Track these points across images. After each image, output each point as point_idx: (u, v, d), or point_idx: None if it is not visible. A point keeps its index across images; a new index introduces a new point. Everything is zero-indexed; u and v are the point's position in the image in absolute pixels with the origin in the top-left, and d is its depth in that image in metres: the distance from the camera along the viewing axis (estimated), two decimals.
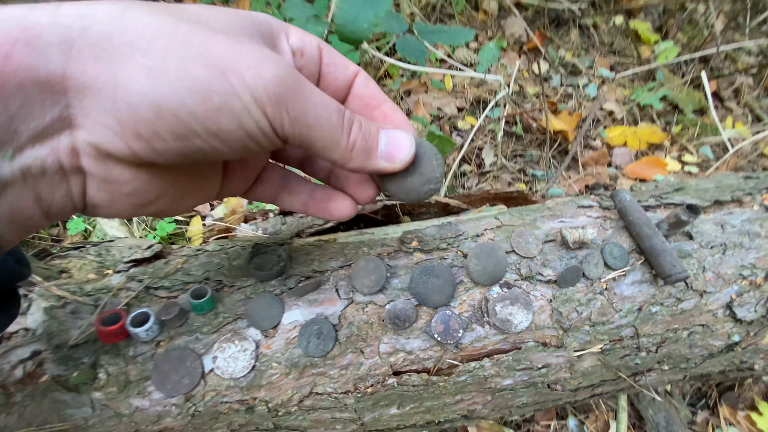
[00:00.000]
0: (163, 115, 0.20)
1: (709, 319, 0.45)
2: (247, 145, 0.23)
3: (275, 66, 0.22)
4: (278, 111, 0.22)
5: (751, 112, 1.46)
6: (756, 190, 0.51)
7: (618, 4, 1.44)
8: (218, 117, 0.21)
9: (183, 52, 0.20)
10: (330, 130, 0.25)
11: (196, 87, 0.20)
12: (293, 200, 0.35)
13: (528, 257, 0.43)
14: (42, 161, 0.21)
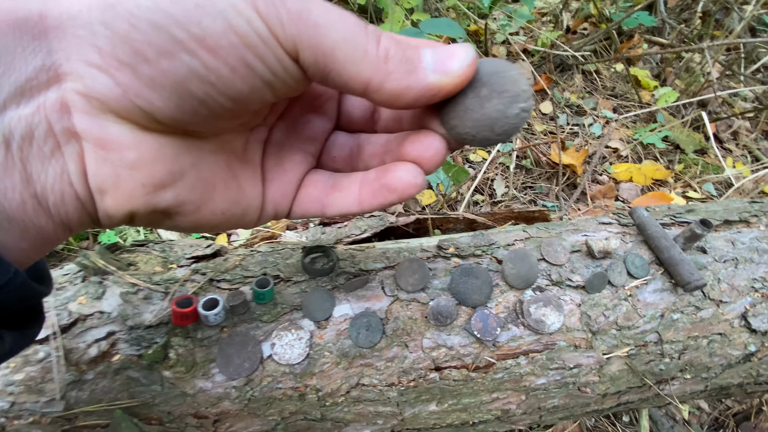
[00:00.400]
0: (138, 24, 0.17)
1: (726, 328, 0.48)
2: (249, 62, 0.19)
3: None
4: (272, 4, 0.18)
5: (750, 153, 1.54)
6: (761, 212, 0.55)
7: (618, 52, 1.56)
8: (200, 15, 0.17)
9: None
10: (349, 31, 0.19)
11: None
12: (345, 197, 0.28)
13: (557, 264, 0.47)
14: (28, 121, 0.18)
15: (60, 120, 0.19)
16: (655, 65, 1.70)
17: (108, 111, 0.19)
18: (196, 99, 0.19)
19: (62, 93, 0.18)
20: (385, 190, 0.26)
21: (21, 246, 0.19)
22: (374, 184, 0.27)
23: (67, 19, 0.17)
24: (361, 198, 0.28)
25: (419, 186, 0.26)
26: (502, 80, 0.22)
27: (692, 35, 1.65)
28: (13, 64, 0.17)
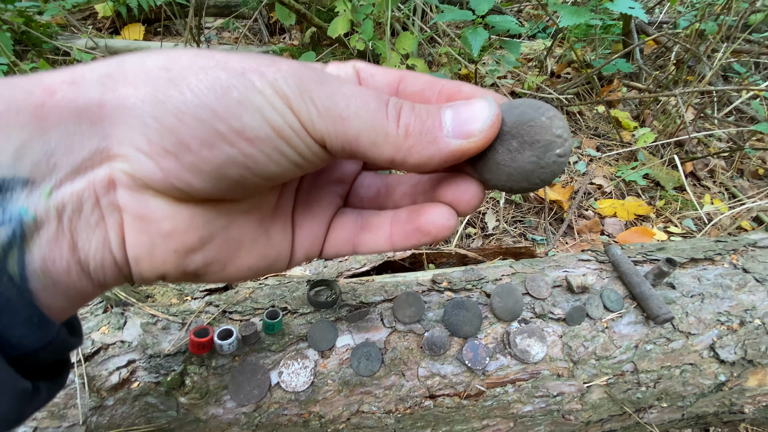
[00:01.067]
0: (185, 119, 0.19)
1: (696, 359, 0.52)
2: (282, 150, 0.21)
3: (294, 62, 0.21)
4: (303, 102, 0.20)
5: (727, 190, 1.63)
6: (725, 251, 0.61)
7: (599, 96, 1.68)
8: (240, 111, 0.20)
9: (203, 63, 0.20)
10: (371, 118, 0.21)
11: (215, 85, 0.20)
12: (377, 237, 0.28)
13: (540, 298, 0.52)
14: (79, 195, 0.20)
15: (106, 194, 0.21)
16: (634, 107, 1.82)
17: (149, 189, 0.21)
18: (232, 180, 0.21)
19: (111, 171, 0.20)
20: (418, 232, 0.26)
21: (62, 305, 0.21)
22: (407, 226, 0.27)
23: (123, 110, 0.20)
24: (392, 238, 0.28)
25: (452, 228, 0.26)
26: (531, 130, 0.21)
27: (667, 80, 1.78)
28: (72, 147, 0.19)
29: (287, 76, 0.20)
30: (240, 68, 0.20)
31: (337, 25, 1.54)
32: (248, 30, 2.19)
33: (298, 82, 0.20)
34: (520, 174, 0.22)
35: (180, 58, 0.21)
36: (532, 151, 0.21)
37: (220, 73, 0.20)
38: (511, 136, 0.21)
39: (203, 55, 0.21)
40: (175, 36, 2.20)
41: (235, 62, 0.20)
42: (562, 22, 1.12)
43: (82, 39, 1.96)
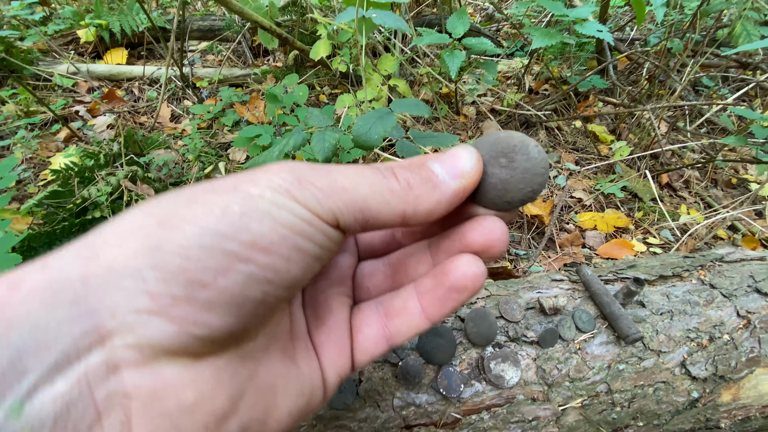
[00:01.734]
0: (190, 253, 0.17)
1: (668, 377, 0.53)
2: (300, 246, 0.20)
3: (284, 163, 0.21)
4: (305, 189, 0.20)
5: (702, 200, 1.67)
6: (693, 267, 0.63)
7: (576, 111, 1.73)
8: (246, 223, 0.18)
9: (188, 195, 0.19)
10: (371, 182, 0.21)
11: (211, 208, 0.18)
12: (408, 319, 0.26)
13: (514, 321, 0.52)
14: (63, 400, 0.15)
15: (105, 384, 0.16)
16: (610, 121, 1.87)
17: (162, 354, 0.17)
18: (254, 301, 0.19)
19: (108, 353, 0.17)
20: (454, 292, 0.24)
21: None
22: (437, 291, 0.25)
23: (112, 275, 0.17)
24: (427, 311, 0.26)
25: (485, 275, 0.24)
26: (515, 147, 0.24)
27: (640, 95, 1.85)
28: (47, 341, 0.15)
29: (280, 173, 0.20)
30: (230, 185, 0.20)
31: (319, 48, 1.57)
32: (232, 53, 2.21)
33: (293, 174, 0.20)
34: (517, 185, 0.24)
35: (160, 202, 0.19)
36: (521, 161, 0.24)
37: (211, 197, 0.19)
38: (499, 156, 0.24)
39: (186, 191, 0.20)
40: (158, 59, 2.21)
41: (222, 183, 0.20)
42: (534, 44, 1.16)
43: (64, 64, 1.96)
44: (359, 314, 0.28)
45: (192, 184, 0.21)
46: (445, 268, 0.25)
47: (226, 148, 1.57)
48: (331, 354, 0.26)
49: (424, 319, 0.26)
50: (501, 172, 0.24)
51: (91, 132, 1.66)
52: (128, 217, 0.19)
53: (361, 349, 0.27)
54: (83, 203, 1.16)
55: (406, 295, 0.27)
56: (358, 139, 0.72)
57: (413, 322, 0.26)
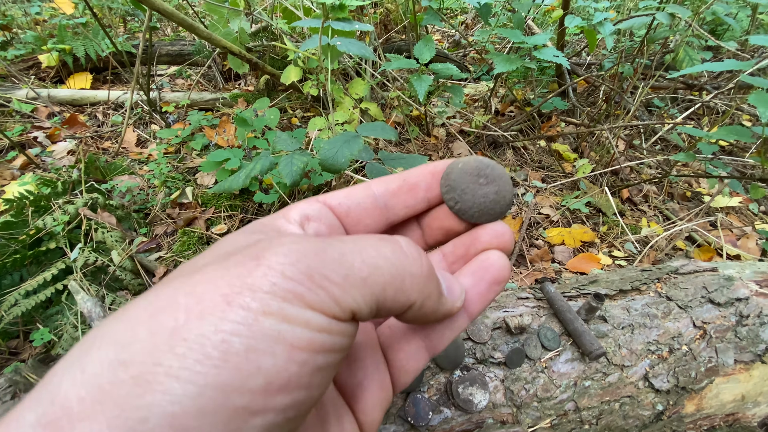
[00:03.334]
0: (186, 421, 0.13)
1: (633, 391, 0.54)
2: (321, 364, 0.16)
3: (283, 246, 0.17)
4: (320, 287, 0.16)
5: (661, 213, 1.76)
6: (650, 280, 0.65)
7: (540, 131, 1.81)
8: (255, 360, 0.14)
9: (167, 323, 0.15)
10: (397, 263, 0.19)
11: (205, 352, 0.14)
12: (447, 320, 0.25)
13: (481, 342, 0.52)
14: None
15: None
16: (572, 140, 1.96)
17: None
18: None
19: None
20: (495, 285, 0.25)
21: None
22: (478, 287, 0.25)
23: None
24: (468, 309, 0.25)
25: (510, 269, 0.26)
26: (491, 170, 0.27)
27: (599, 115, 1.95)
28: None
29: (282, 267, 0.16)
30: (220, 299, 0.15)
31: (290, 73, 1.58)
32: (202, 77, 2.20)
33: (300, 266, 0.16)
34: (489, 202, 0.27)
35: (133, 332, 0.14)
36: (495, 185, 0.27)
37: (199, 327, 0.14)
38: (479, 177, 0.27)
39: (161, 308, 0.15)
40: (125, 84, 2.17)
41: (210, 295, 0.15)
42: (497, 69, 1.21)
43: (23, 89, 1.89)
44: (392, 334, 0.26)
45: (163, 284, 0.16)
46: (482, 264, 0.25)
47: (194, 173, 1.53)
48: (372, 391, 0.23)
49: (466, 318, 0.25)
50: (487, 188, 0.26)
51: (49, 158, 1.59)
52: (93, 359, 0.14)
53: (405, 369, 0.25)
54: (37, 234, 1.10)
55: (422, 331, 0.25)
56: (324, 162, 0.72)
57: (457, 324, 0.25)
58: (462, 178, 0.27)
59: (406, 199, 0.26)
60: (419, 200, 0.27)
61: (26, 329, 1.03)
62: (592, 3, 1.56)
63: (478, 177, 0.27)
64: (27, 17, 2.38)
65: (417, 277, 0.19)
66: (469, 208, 0.27)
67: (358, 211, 0.25)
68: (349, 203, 0.25)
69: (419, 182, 0.27)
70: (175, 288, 0.16)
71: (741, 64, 0.87)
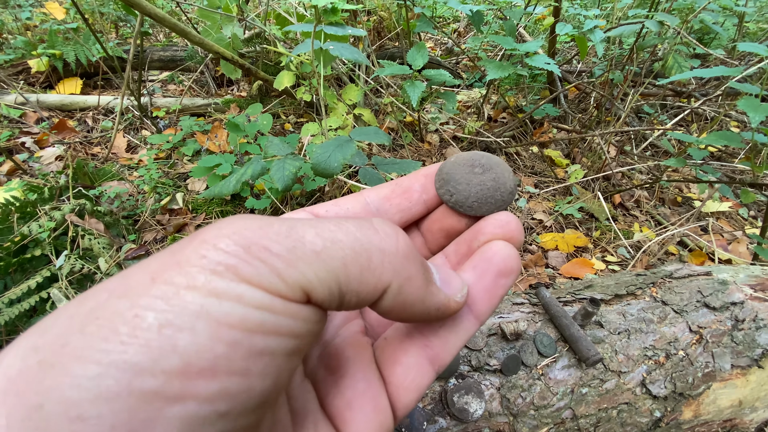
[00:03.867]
0: (83, 412, 0.11)
1: (630, 397, 0.53)
2: (261, 348, 0.14)
3: (226, 222, 0.15)
4: (257, 260, 0.14)
5: (652, 218, 1.77)
6: (645, 284, 0.65)
7: (532, 137, 1.82)
8: (170, 337, 0.13)
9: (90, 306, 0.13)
10: (355, 237, 0.16)
11: (114, 326, 0.13)
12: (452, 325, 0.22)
13: (476, 350, 0.51)
14: None
15: None
16: (564, 146, 1.97)
17: None
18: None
19: None
20: (501, 278, 0.21)
21: None
22: (483, 281, 0.21)
23: None
24: (475, 310, 0.21)
25: (519, 261, 0.22)
26: (487, 160, 0.26)
27: (590, 121, 1.97)
28: None
29: (218, 240, 0.14)
30: (146, 277, 0.13)
31: (283, 79, 1.58)
32: (195, 82, 2.19)
33: (238, 238, 0.14)
34: (487, 190, 0.25)
35: (55, 317, 0.13)
36: (491, 172, 0.25)
37: (116, 304, 0.13)
38: (474, 167, 0.25)
39: (90, 294, 0.14)
40: (116, 89, 2.15)
41: (137, 274, 0.14)
42: (489, 76, 1.22)
43: (12, 94, 1.86)
44: (388, 346, 0.22)
45: (105, 281, 0.14)
46: (485, 255, 0.22)
47: (185, 179, 1.51)
48: (365, 412, 0.20)
49: (473, 320, 0.21)
50: (483, 176, 0.25)
51: (37, 164, 1.56)
52: (11, 349, 0.13)
53: (404, 387, 0.21)
54: (22, 240, 1.07)
55: None
56: (317, 167, 0.71)
57: (462, 325, 0.21)
58: (455, 169, 0.25)
59: (400, 202, 0.25)
60: (414, 202, 0.25)
61: (10, 339, 1.00)
62: (583, 11, 1.58)
63: (472, 167, 0.25)
64: (17, 22, 2.35)
65: (389, 255, 0.17)
66: (465, 198, 0.25)
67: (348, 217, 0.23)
68: (337, 210, 0.24)
69: (413, 185, 0.25)
70: (109, 281, 0.14)
71: (730, 70, 0.88)
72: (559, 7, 1.68)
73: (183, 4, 1.91)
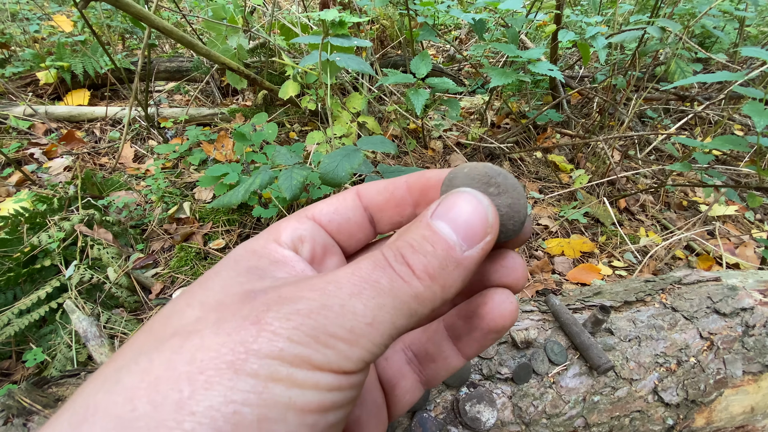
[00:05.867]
0: None
1: (642, 405, 0.53)
2: (331, 423, 0.16)
3: (282, 302, 0.16)
4: (326, 347, 0.16)
5: (658, 222, 1.77)
6: (654, 291, 0.65)
7: (536, 143, 1.82)
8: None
9: (172, 397, 0.14)
10: (395, 300, 0.17)
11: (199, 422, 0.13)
12: (442, 362, 0.24)
13: (487, 358, 0.51)
14: None
15: None
16: (568, 151, 1.98)
17: None
18: None
19: None
20: (492, 333, 0.22)
21: None
22: (474, 334, 0.23)
23: None
24: (463, 352, 0.24)
25: (518, 309, 0.23)
26: (503, 179, 0.23)
27: (593, 126, 1.98)
28: None
29: (291, 331, 0.15)
30: (225, 367, 0.14)
31: (288, 88, 1.59)
32: (200, 92, 2.21)
33: (306, 327, 0.15)
34: (501, 217, 0.22)
35: (133, 405, 0.13)
36: (507, 196, 0.22)
37: (208, 399, 0.13)
38: (490, 185, 0.22)
39: (161, 378, 0.14)
40: (123, 100, 2.18)
41: (215, 362, 0.14)
42: (492, 83, 1.23)
43: (21, 106, 1.89)
44: (389, 367, 0.25)
45: (153, 344, 0.15)
46: (478, 310, 0.22)
47: (192, 188, 1.53)
48: (369, 427, 0.23)
49: (460, 359, 0.24)
50: (499, 200, 0.22)
51: (46, 175, 1.58)
52: None
53: (401, 404, 0.24)
54: (32, 251, 1.08)
55: (439, 338, 0.24)
56: (325, 176, 0.72)
57: (451, 364, 0.24)
58: (469, 185, 0.22)
59: (392, 216, 0.25)
60: (407, 218, 0.25)
61: (19, 349, 1.01)
62: (584, 18, 1.59)
63: (487, 186, 0.22)
64: (26, 35, 2.40)
65: (422, 294, 0.18)
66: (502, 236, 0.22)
67: (349, 227, 0.24)
68: (340, 219, 0.24)
69: (406, 199, 0.24)
70: (171, 352, 0.15)
71: (733, 75, 0.88)
72: (560, 14, 1.69)
73: (189, 16, 1.94)
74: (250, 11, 1.93)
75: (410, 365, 0.25)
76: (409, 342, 0.26)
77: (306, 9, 2.17)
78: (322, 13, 0.78)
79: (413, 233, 0.19)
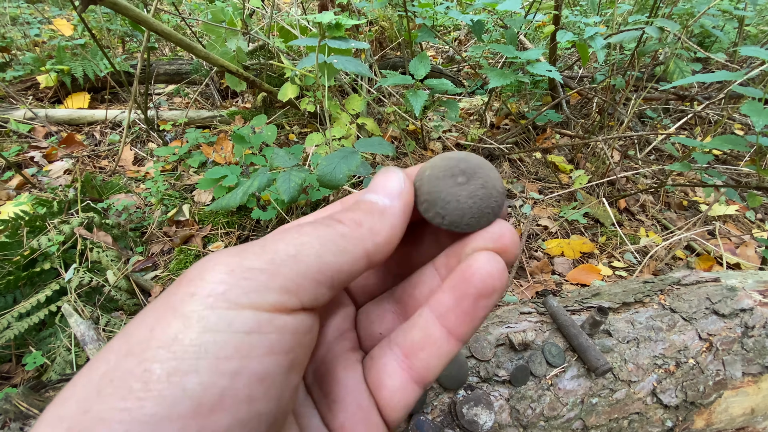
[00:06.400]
0: None
1: (641, 407, 0.53)
2: (261, 372, 0.15)
3: (214, 257, 0.17)
4: (241, 280, 0.16)
5: (658, 222, 1.76)
6: (653, 292, 0.64)
7: (535, 143, 1.82)
8: (179, 383, 0.13)
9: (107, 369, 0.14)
10: (320, 236, 0.18)
11: (129, 385, 0.13)
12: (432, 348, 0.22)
13: (484, 360, 0.51)
14: None
15: None
16: (567, 152, 1.98)
17: None
18: None
19: None
20: (482, 298, 0.20)
21: None
22: (462, 304, 0.21)
23: None
24: (454, 332, 0.21)
25: (507, 273, 0.21)
26: (474, 167, 0.23)
27: (593, 127, 1.97)
28: None
29: (205, 273, 0.15)
30: (147, 331, 0.14)
31: (287, 90, 1.59)
32: (200, 95, 2.22)
33: (222, 266, 0.15)
34: (480, 201, 0.22)
35: (73, 386, 0.14)
36: (477, 179, 0.22)
37: (125, 363, 0.14)
38: (456, 175, 0.22)
39: (97, 357, 0.14)
40: (123, 103, 2.18)
41: (139, 330, 0.14)
42: (491, 84, 1.23)
43: (21, 110, 1.90)
44: (373, 366, 0.23)
45: (109, 342, 0.15)
46: (464, 274, 0.21)
47: (191, 190, 1.53)
48: (350, 420, 0.21)
49: (453, 342, 0.22)
50: (471, 186, 0.22)
51: (46, 178, 1.58)
52: (41, 424, 0.14)
53: (391, 406, 0.22)
54: (32, 254, 1.08)
55: (424, 321, 0.22)
56: (323, 178, 0.72)
57: (442, 349, 0.22)
58: (437, 185, 0.22)
59: None
60: None
61: (19, 352, 1.01)
62: (583, 18, 1.59)
63: (454, 177, 0.22)
64: (26, 39, 2.41)
65: (349, 234, 0.19)
66: (460, 218, 0.22)
67: None
68: None
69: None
70: (116, 336, 0.15)
71: (732, 74, 0.88)
72: (559, 15, 1.69)
73: (188, 19, 1.95)
74: (249, 14, 1.93)
75: (397, 360, 0.23)
76: (392, 335, 0.24)
77: (305, 11, 2.17)
78: (319, 15, 0.79)
79: (346, 199, 0.22)
